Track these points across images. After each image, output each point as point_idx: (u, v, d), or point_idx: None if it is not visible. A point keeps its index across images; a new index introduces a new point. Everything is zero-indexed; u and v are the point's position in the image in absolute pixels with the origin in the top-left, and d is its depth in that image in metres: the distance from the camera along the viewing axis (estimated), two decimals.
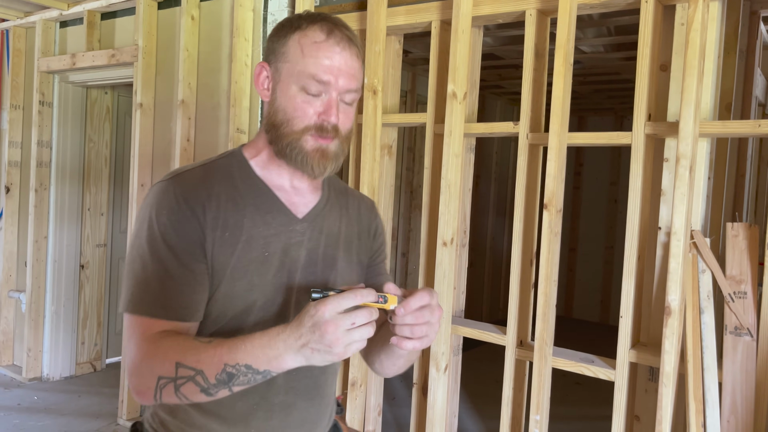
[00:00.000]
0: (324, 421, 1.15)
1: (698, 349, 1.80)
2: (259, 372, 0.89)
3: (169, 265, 0.97)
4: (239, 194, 1.04)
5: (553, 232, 2.04)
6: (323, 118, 1.00)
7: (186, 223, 0.98)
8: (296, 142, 1.01)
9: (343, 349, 0.84)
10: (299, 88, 1.00)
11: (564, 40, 2.00)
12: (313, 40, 0.99)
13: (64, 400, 3.62)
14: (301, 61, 0.99)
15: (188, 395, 0.92)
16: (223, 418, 1.04)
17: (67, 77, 3.77)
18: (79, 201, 3.99)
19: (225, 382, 0.90)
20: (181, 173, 1.04)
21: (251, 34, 2.88)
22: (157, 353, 0.93)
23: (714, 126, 1.82)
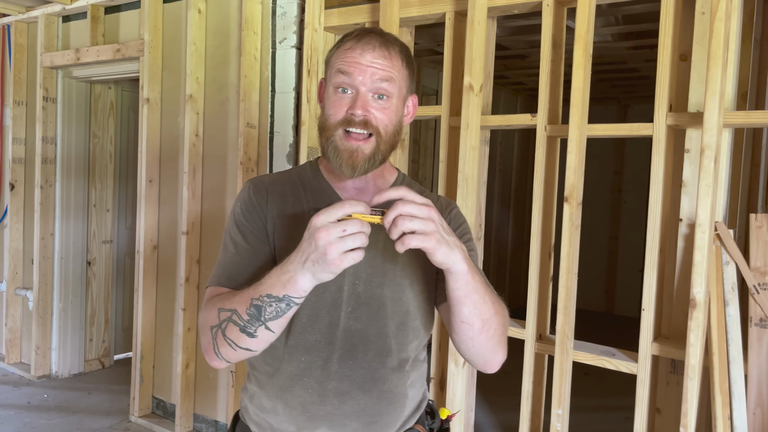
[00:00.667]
0: (389, 419, 1.13)
1: (723, 342, 1.79)
2: (280, 299, 0.95)
3: (238, 245, 1.13)
4: (305, 193, 1.17)
5: (574, 225, 2.02)
6: (350, 111, 1.07)
7: (254, 212, 1.14)
8: (331, 137, 1.09)
9: (336, 255, 0.88)
10: (333, 88, 1.09)
11: (584, 30, 1.98)
12: (345, 48, 1.09)
13: (74, 398, 3.61)
14: (335, 65, 1.10)
15: (233, 338, 1.00)
16: (285, 401, 1.11)
17: (71, 72, 3.72)
18: (85, 197, 3.96)
19: (256, 317, 0.98)
20: (260, 176, 1.23)
21: (260, 27, 2.84)
22: (207, 308, 1.06)
23: (737, 116, 1.80)
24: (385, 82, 1.07)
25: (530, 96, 6.08)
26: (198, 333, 1.13)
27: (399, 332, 1.14)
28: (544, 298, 2.20)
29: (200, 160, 3.08)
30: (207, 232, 3.10)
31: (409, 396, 1.18)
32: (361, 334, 1.11)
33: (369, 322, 1.11)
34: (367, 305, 1.11)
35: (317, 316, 1.10)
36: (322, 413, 1.10)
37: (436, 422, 1.28)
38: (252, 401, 1.18)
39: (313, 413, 1.10)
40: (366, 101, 1.07)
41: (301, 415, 1.11)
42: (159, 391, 3.34)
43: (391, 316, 1.12)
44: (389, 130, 1.09)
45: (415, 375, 1.19)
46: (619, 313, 6.29)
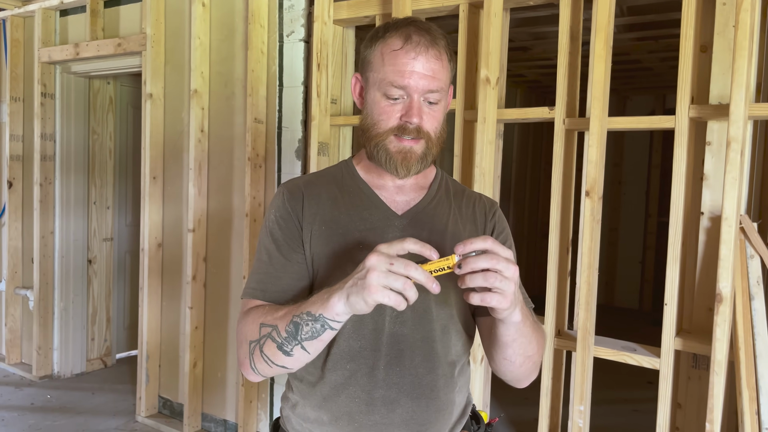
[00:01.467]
0: (438, 426, 1.11)
1: (749, 336, 1.77)
2: (316, 319, 0.93)
3: (272, 255, 1.10)
4: (341, 194, 1.14)
5: (595, 219, 2.00)
6: (405, 120, 1.05)
7: (288, 219, 1.11)
8: (381, 143, 1.07)
9: (375, 283, 0.84)
10: (382, 94, 1.06)
11: (605, 22, 1.95)
12: (391, 48, 1.04)
13: (78, 398, 3.56)
14: (382, 69, 1.05)
15: (270, 355, 0.99)
16: (330, 411, 1.08)
17: (70, 68, 3.66)
18: (85, 195, 3.90)
19: (293, 335, 0.95)
20: (293, 179, 1.19)
21: (267, 20, 2.79)
22: (247, 321, 1.04)
23: (762, 108, 1.78)
24: (436, 88, 1.05)
25: (530, 89, 6.06)
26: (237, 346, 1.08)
27: (444, 336, 1.11)
28: (563, 293, 2.18)
29: (206, 157, 3.03)
30: (213, 229, 3.06)
31: (456, 402, 1.15)
32: (407, 339, 1.08)
33: (414, 327, 1.08)
34: (412, 309, 1.06)
35: (361, 321, 1.07)
36: (370, 423, 1.07)
37: (481, 427, 1.26)
38: (294, 411, 1.15)
39: (361, 423, 1.07)
40: (420, 108, 1.04)
41: (348, 425, 1.07)
42: (166, 391, 3.30)
43: (436, 320, 1.09)
44: (438, 132, 1.08)
45: (462, 380, 1.17)
46: (619, 305, 6.30)
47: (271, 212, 1.13)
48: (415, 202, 1.14)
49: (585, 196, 2.01)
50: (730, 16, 1.88)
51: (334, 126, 2.65)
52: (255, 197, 2.81)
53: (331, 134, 2.65)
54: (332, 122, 2.62)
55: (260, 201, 2.83)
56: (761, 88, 2.46)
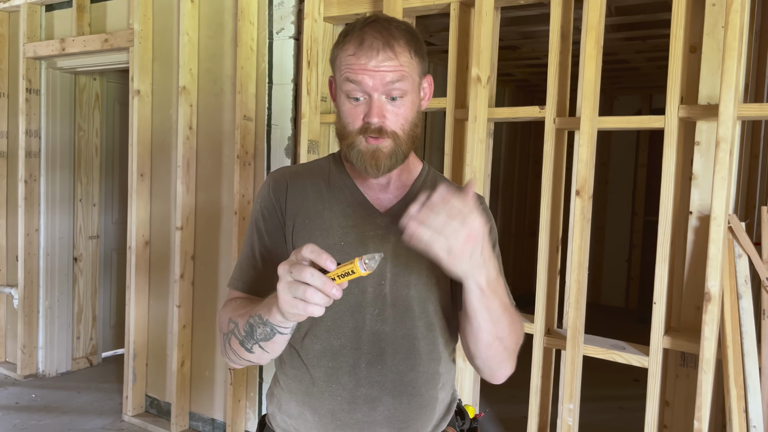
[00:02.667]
0: (421, 423, 1.11)
1: (737, 335, 1.79)
2: (265, 323, 0.94)
3: (255, 246, 1.12)
4: (326, 188, 1.14)
5: (585, 218, 2.01)
6: (366, 121, 1.05)
7: (272, 210, 1.13)
8: (352, 144, 1.07)
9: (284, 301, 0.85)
10: (345, 97, 1.06)
11: (595, 21, 1.95)
12: (347, 54, 1.04)
13: (64, 397, 3.53)
14: (341, 73, 1.06)
15: (236, 350, 1.02)
16: (313, 408, 1.09)
17: (55, 63, 3.61)
18: (71, 192, 3.86)
19: (250, 334, 0.98)
20: (281, 168, 1.19)
21: (256, 17, 2.78)
22: (223, 313, 1.07)
23: (752, 109, 1.80)
24: (397, 82, 1.03)
25: (518, 88, 6.07)
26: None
27: (428, 333, 1.10)
28: (552, 292, 2.18)
29: (194, 154, 3.01)
30: (202, 227, 3.04)
31: (440, 399, 1.15)
32: (389, 336, 1.07)
33: (396, 324, 1.08)
34: (393, 307, 1.07)
35: (341, 319, 1.07)
36: (353, 421, 1.07)
37: (466, 423, 1.26)
38: (280, 407, 1.15)
39: (344, 421, 1.07)
40: (381, 107, 1.03)
41: (331, 422, 1.08)
42: (153, 390, 3.28)
43: (419, 317, 1.09)
44: (406, 128, 1.07)
45: (446, 377, 1.16)
46: (605, 303, 6.35)
47: (258, 202, 1.16)
48: (398, 200, 1.14)
49: (575, 196, 2.02)
50: (719, 17, 1.89)
51: (324, 124, 2.64)
52: (244, 195, 2.80)
53: (321, 132, 2.64)
54: (322, 120, 2.61)
55: (249, 199, 2.82)
56: (749, 88, 2.48)
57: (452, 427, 1.20)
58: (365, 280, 1.05)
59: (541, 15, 3.33)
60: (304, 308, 0.84)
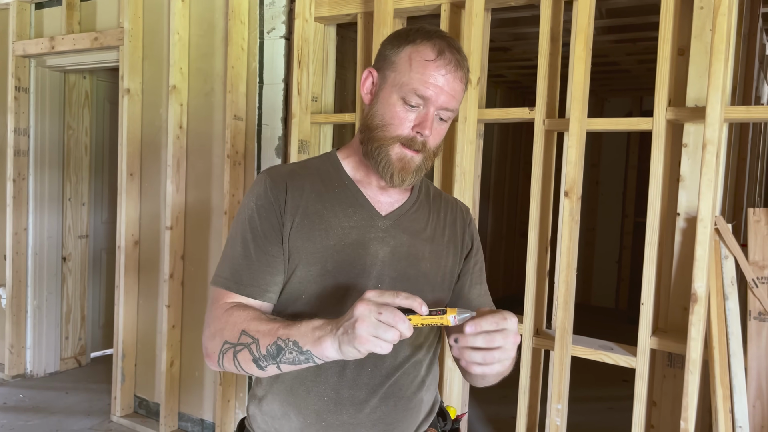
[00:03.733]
0: (405, 425, 1.11)
1: (723, 336, 1.80)
2: (302, 352, 0.92)
3: (249, 245, 1.07)
4: (325, 188, 1.11)
5: (573, 219, 2.02)
6: (417, 130, 1.03)
7: (269, 209, 1.07)
8: (384, 147, 1.05)
9: (365, 333, 0.84)
10: (400, 98, 1.03)
11: (585, 23, 1.96)
12: (423, 57, 1.03)
13: (52, 398, 3.50)
14: (408, 74, 1.03)
15: (242, 363, 0.98)
16: (297, 408, 1.07)
17: (45, 61, 3.59)
18: (60, 191, 3.84)
19: (273, 356, 0.94)
20: (276, 166, 1.15)
21: (247, 16, 2.77)
22: (229, 321, 1.01)
23: (738, 111, 1.81)
24: (452, 107, 1.05)
25: (510, 89, 6.09)
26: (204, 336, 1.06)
27: (416, 338, 1.11)
28: (541, 292, 2.19)
29: (184, 153, 3.00)
30: (192, 227, 3.03)
31: (424, 400, 1.16)
32: None
33: None
34: None
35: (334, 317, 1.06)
36: (338, 422, 1.06)
37: (447, 423, 1.26)
38: (261, 408, 1.13)
39: (329, 422, 1.07)
40: (433, 121, 1.04)
41: (316, 424, 1.07)
42: (142, 390, 3.26)
43: None
44: (437, 148, 1.09)
45: (430, 378, 1.17)
46: (595, 304, 6.37)
47: (251, 199, 1.09)
48: (399, 204, 1.14)
49: (564, 197, 2.03)
50: (707, 20, 1.90)
51: (315, 124, 2.64)
52: (234, 195, 2.79)
53: (312, 132, 2.64)
54: (313, 120, 2.61)
55: (239, 199, 2.81)
56: (737, 91, 2.50)
57: (434, 428, 1.20)
58: (365, 283, 1.06)
59: (532, 17, 3.35)
60: (387, 348, 0.85)
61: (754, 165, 3.31)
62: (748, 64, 2.74)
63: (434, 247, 1.15)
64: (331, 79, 2.74)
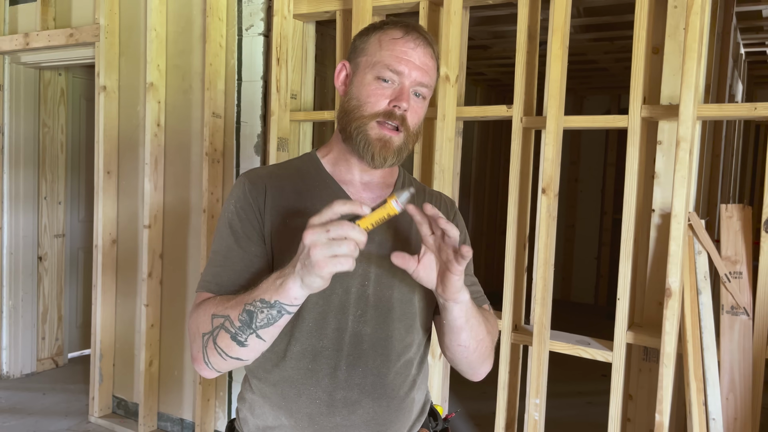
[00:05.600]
0: (398, 425, 1.10)
1: (697, 330, 1.83)
2: (271, 305, 0.90)
3: (230, 247, 1.06)
4: (306, 187, 1.10)
5: (551, 216, 2.03)
6: (394, 104, 1.04)
7: (249, 211, 1.06)
8: (363, 126, 1.05)
9: (321, 258, 0.83)
10: (374, 76, 1.05)
11: (561, 22, 1.98)
12: (391, 36, 1.06)
13: (29, 399, 3.46)
14: (378, 53, 1.05)
15: (224, 347, 0.95)
16: (289, 412, 1.06)
17: (19, 58, 3.53)
18: (35, 189, 3.78)
19: (248, 324, 0.92)
20: (255, 169, 1.14)
21: (225, 13, 2.75)
22: (199, 314, 1.00)
23: (711, 109, 1.84)
24: (427, 82, 1.07)
25: (490, 87, 6.12)
26: (189, 340, 1.04)
27: (407, 335, 1.11)
28: (519, 288, 2.21)
29: (162, 151, 2.97)
30: (170, 225, 3.00)
31: (416, 400, 1.15)
32: (370, 338, 1.07)
33: (378, 326, 1.07)
34: (376, 308, 1.07)
35: (324, 320, 1.05)
36: (331, 425, 1.05)
37: (439, 423, 1.26)
38: (252, 412, 1.11)
39: (322, 425, 1.05)
40: (409, 95, 1.05)
41: (309, 426, 1.05)
42: (120, 390, 3.23)
43: (400, 319, 1.09)
44: (416, 129, 1.09)
45: (421, 378, 1.17)
46: (575, 300, 6.44)
47: (231, 202, 1.09)
48: (381, 199, 1.12)
49: (541, 194, 2.05)
50: (680, 19, 1.93)
51: (294, 121, 2.63)
52: (213, 193, 2.77)
53: (291, 129, 2.63)
54: (292, 117, 2.61)
55: (218, 197, 2.79)
56: (711, 89, 2.54)
57: (426, 428, 1.20)
58: (350, 281, 1.05)
59: (511, 15, 3.37)
60: (349, 263, 0.84)
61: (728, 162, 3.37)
62: (722, 62, 2.79)
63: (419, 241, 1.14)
64: (310, 76, 2.73)
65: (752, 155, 5.35)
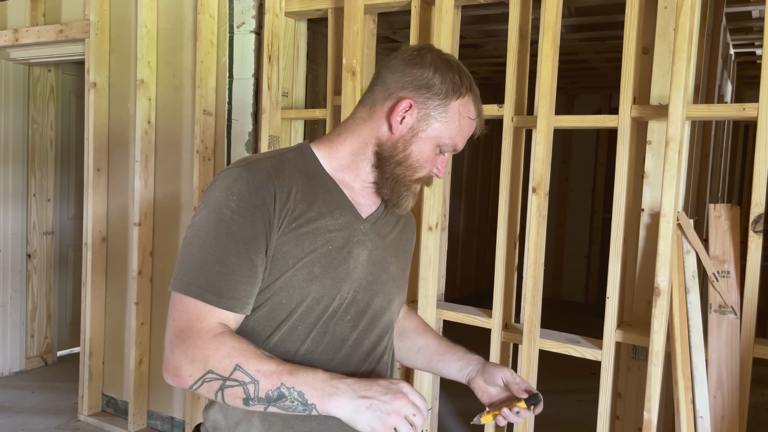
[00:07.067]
0: None
1: (685, 328, 1.85)
2: (305, 404, 0.90)
3: (228, 251, 0.96)
4: (309, 188, 1.05)
5: (541, 215, 2.04)
6: (435, 173, 1.11)
7: (255, 212, 0.97)
8: (409, 185, 1.09)
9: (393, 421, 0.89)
10: (436, 145, 1.08)
11: (552, 21, 1.99)
12: (468, 115, 1.09)
13: (17, 397, 3.44)
14: (455, 130, 1.08)
15: (227, 398, 0.92)
16: (263, 416, 1.03)
17: (8, 54, 3.51)
18: (24, 186, 3.76)
19: (272, 400, 0.91)
20: (254, 162, 1.03)
21: (217, 10, 2.74)
22: (220, 349, 0.92)
23: (700, 109, 1.85)
24: None
25: (481, 86, 6.08)
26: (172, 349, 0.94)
27: (388, 341, 1.14)
28: (510, 287, 2.22)
29: (153, 149, 2.96)
30: (160, 223, 2.99)
31: None
32: (353, 343, 1.07)
33: (363, 332, 1.09)
34: (363, 314, 1.08)
35: (314, 324, 1.04)
36: (306, 429, 1.03)
37: None
38: (225, 414, 1.06)
39: (296, 428, 1.03)
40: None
41: (283, 430, 1.03)
42: (110, 389, 3.22)
43: (381, 325, 1.12)
44: None
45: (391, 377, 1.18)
46: (565, 298, 6.47)
47: (231, 199, 0.97)
48: (375, 207, 1.14)
49: (532, 193, 2.05)
50: (670, 20, 1.94)
51: (285, 119, 2.63)
52: (203, 190, 2.76)
53: (282, 127, 2.63)
54: (283, 115, 2.60)
55: None
56: (700, 90, 2.56)
57: None
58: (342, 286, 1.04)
59: (503, 14, 3.37)
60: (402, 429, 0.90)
61: (717, 162, 3.39)
62: (711, 62, 2.80)
63: (398, 251, 1.19)
64: (302, 74, 2.73)
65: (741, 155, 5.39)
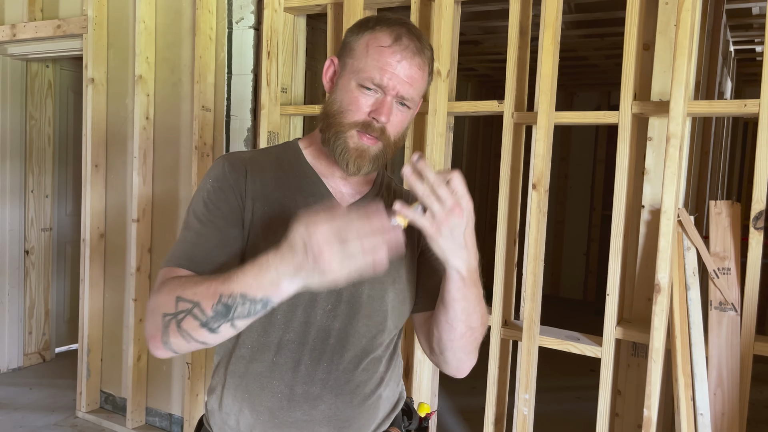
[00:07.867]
0: (362, 422, 1.08)
1: (685, 325, 1.84)
2: (256, 301, 0.86)
3: (204, 225, 1.02)
4: (286, 176, 1.08)
5: (541, 212, 2.04)
6: (373, 116, 1.02)
7: (228, 190, 1.03)
8: (342, 134, 1.04)
9: (338, 269, 0.80)
10: (357, 84, 1.03)
11: (552, 17, 1.98)
12: (379, 42, 1.02)
13: (15, 394, 3.43)
14: (364, 59, 1.03)
15: (190, 331, 0.90)
16: (252, 405, 1.05)
17: (6, 50, 3.49)
18: (22, 183, 3.74)
19: (223, 315, 0.88)
20: (235, 152, 1.11)
21: (215, 5, 2.73)
22: (162, 292, 0.95)
23: (701, 105, 1.85)
24: (411, 96, 1.04)
25: (481, 83, 6.12)
26: (145, 317, 0.97)
27: (378, 332, 1.09)
28: (510, 284, 2.21)
29: (151, 145, 2.95)
30: (159, 219, 2.98)
31: (383, 397, 1.13)
32: (338, 334, 1.05)
33: (347, 322, 1.06)
34: (347, 303, 1.06)
35: (293, 313, 1.03)
36: (291, 420, 1.04)
37: (413, 422, 1.24)
38: (219, 403, 1.09)
39: (282, 419, 1.04)
40: (390, 108, 1.02)
41: (269, 421, 1.04)
42: (108, 385, 3.21)
43: (371, 316, 1.07)
44: (398, 137, 1.07)
45: (390, 375, 1.15)
46: (564, 296, 6.47)
47: (208, 181, 1.05)
48: (360, 195, 1.12)
49: (532, 189, 2.05)
50: (671, 16, 1.93)
51: (284, 115, 2.62)
52: None
53: (281, 124, 2.62)
54: (282, 111, 2.59)
55: None
56: (701, 86, 2.55)
57: (396, 426, 1.18)
58: None
59: (502, 10, 3.36)
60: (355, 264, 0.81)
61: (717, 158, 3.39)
62: (711, 59, 2.80)
63: None
64: (301, 70, 2.72)
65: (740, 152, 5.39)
